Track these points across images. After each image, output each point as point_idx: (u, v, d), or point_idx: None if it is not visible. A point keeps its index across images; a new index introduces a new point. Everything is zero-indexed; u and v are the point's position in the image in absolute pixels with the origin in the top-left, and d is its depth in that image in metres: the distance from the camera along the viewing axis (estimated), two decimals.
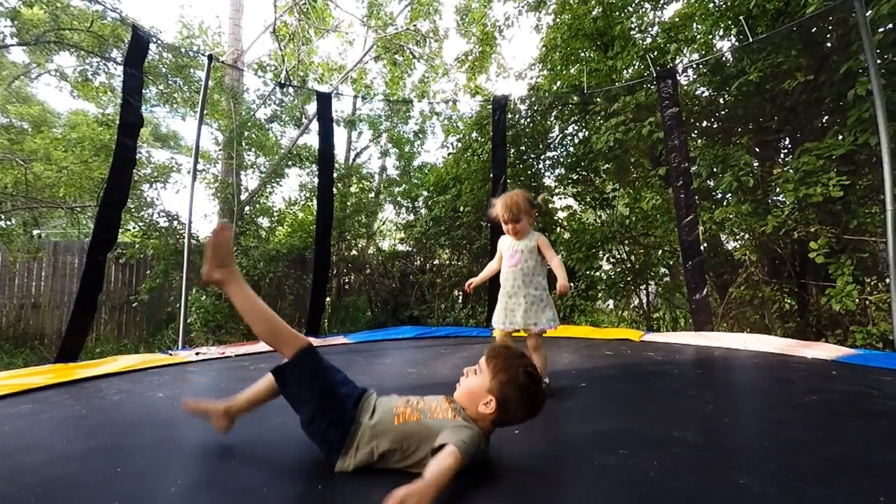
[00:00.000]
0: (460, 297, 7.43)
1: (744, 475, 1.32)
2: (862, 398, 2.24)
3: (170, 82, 7.72)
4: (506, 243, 2.39)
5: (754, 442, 1.61)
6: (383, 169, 10.18)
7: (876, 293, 4.21)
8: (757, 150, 5.38)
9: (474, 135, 7.40)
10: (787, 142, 5.40)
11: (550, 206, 7.62)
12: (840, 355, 3.28)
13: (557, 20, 6.78)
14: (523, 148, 7.15)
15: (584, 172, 7.04)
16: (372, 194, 9.36)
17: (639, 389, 2.38)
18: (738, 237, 5.58)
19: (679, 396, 2.24)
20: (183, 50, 7.73)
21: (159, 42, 7.00)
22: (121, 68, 5.19)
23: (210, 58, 4.81)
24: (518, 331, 2.28)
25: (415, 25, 8.92)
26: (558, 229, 7.34)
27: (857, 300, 4.00)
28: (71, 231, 8.43)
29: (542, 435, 1.72)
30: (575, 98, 6.58)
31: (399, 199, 8.89)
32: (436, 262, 7.90)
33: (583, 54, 6.62)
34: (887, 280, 3.73)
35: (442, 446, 1.20)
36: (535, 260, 2.27)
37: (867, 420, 1.89)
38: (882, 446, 1.57)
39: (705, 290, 4.55)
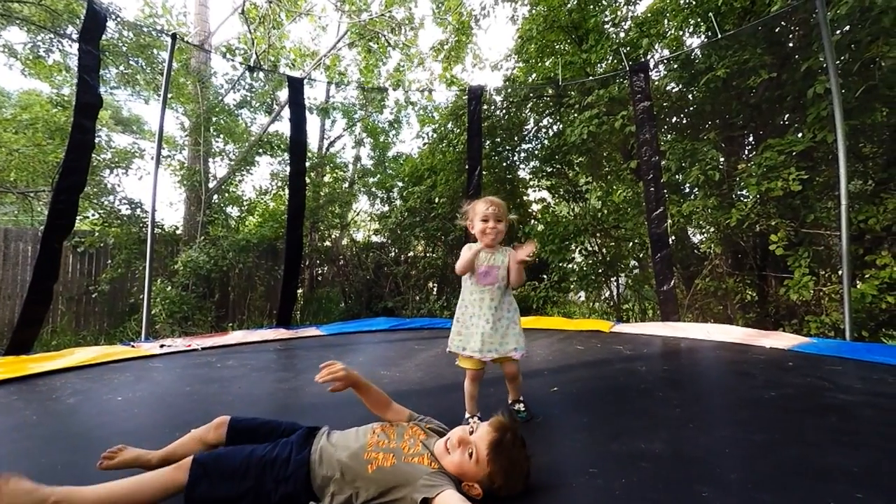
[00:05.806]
0: (434, 289, 7.42)
1: (706, 487, 1.38)
2: (816, 392, 2.38)
3: (131, 63, 7.34)
4: (479, 256, 2.02)
5: (717, 449, 1.69)
6: (357, 158, 10.01)
7: (829, 284, 4.43)
8: (723, 145, 5.55)
9: (450, 125, 7.36)
10: (751, 138, 5.58)
11: (525, 198, 7.68)
12: (796, 344, 3.45)
13: (533, 11, 6.78)
14: (498, 140, 7.16)
15: (557, 165, 7.11)
16: (346, 184, 9.20)
17: (609, 394, 2.45)
18: (703, 230, 5.77)
19: (647, 399, 2.33)
20: (144, 28, 7.34)
21: (118, 18, 6.62)
22: (76, 46, 4.89)
23: (174, 37, 4.59)
24: (486, 361, 1.97)
25: (390, 12, 8.75)
26: (532, 221, 7.41)
27: (812, 291, 4.21)
28: (23, 217, 7.96)
29: None
30: (550, 90, 6.62)
31: (373, 189, 8.78)
32: (410, 253, 7.86)
33: (558, 46, 6.65)
34: (840, 272, 3.93)
35: (430, 499, 1.20)
36: (506, 277, 2.01)
37: (820, 417, 2.01)
38: (833, 446, 1.68)
39: (672, 281, 4.68)
